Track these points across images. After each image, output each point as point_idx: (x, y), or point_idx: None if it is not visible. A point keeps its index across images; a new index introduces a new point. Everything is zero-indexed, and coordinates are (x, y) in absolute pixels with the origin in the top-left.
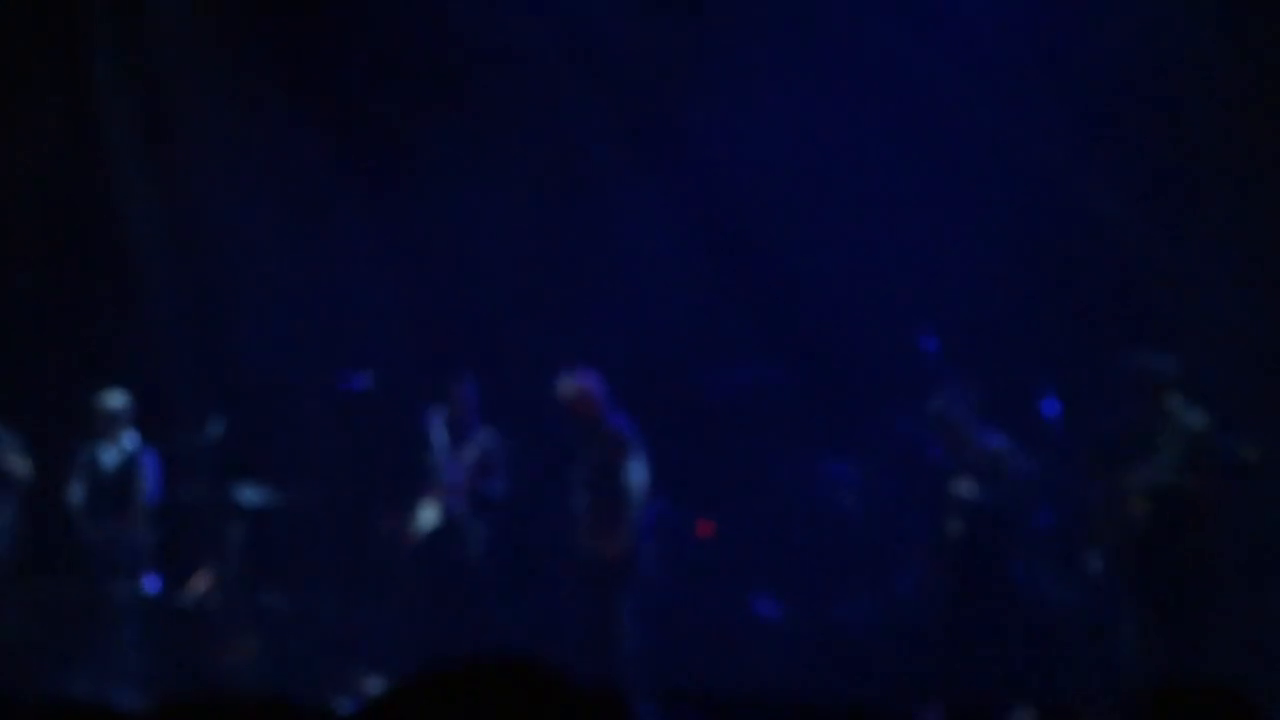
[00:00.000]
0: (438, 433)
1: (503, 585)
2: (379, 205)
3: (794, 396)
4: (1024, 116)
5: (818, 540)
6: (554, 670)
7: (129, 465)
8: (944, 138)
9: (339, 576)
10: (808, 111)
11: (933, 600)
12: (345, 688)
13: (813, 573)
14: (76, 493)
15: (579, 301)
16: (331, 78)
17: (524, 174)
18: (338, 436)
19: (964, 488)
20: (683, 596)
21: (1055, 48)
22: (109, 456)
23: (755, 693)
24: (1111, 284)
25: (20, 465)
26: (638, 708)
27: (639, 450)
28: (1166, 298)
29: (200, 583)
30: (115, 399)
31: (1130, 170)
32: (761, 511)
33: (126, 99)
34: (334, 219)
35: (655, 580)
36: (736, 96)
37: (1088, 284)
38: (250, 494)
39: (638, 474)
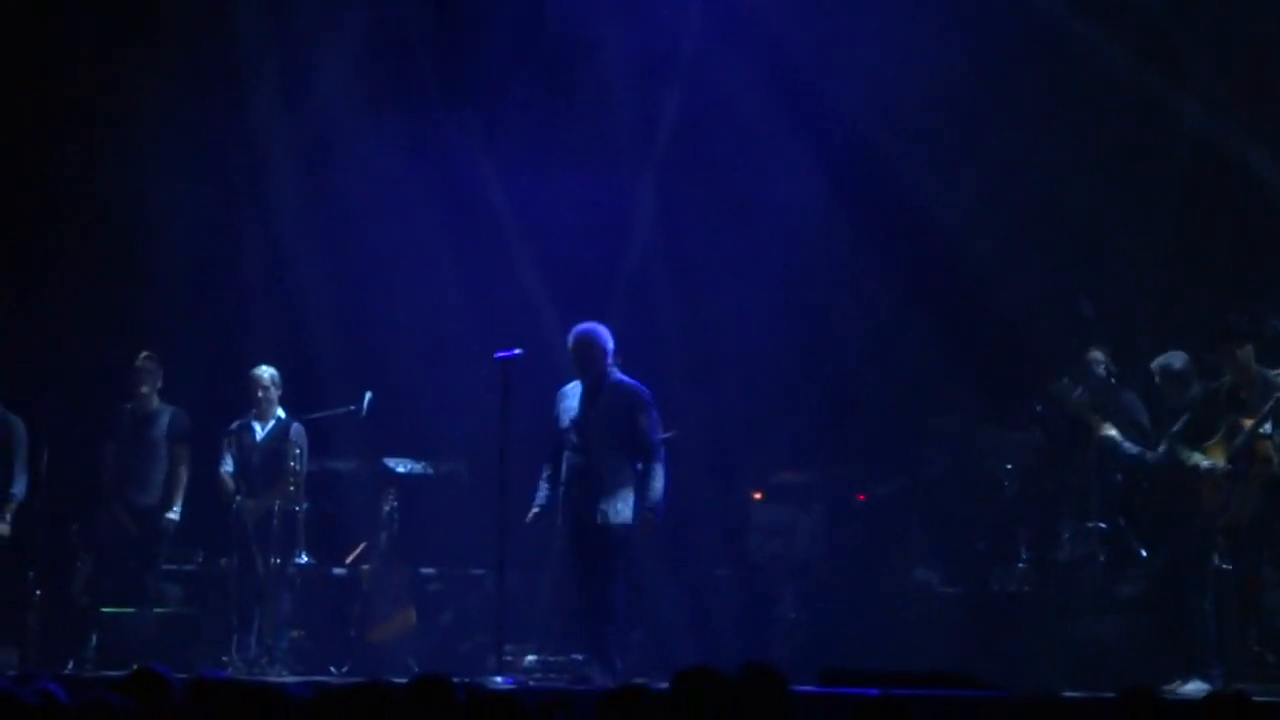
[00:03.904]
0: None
1: (653, 559)
2: (522, 190)
3: (946, 366)
4: None
5: (974, 510)
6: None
7: (280, 438)
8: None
9: (491, 547)
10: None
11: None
12: (499, 659)
13: (970, 543)
14: (229, 465)
15: (725, 283)
16: (478, 66)
17: (661, 168)
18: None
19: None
20: (840, 571)
21: None
22: (260, 430)
23: (914, 667)
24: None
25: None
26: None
27: (650, 408)
28: None
29: (354, 555)
30: (266, 372)
31: None
32: (918, 482)
33: (277, 92)
34: (480, 203)
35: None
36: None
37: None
38: (401, 466)
39: (649, 434)
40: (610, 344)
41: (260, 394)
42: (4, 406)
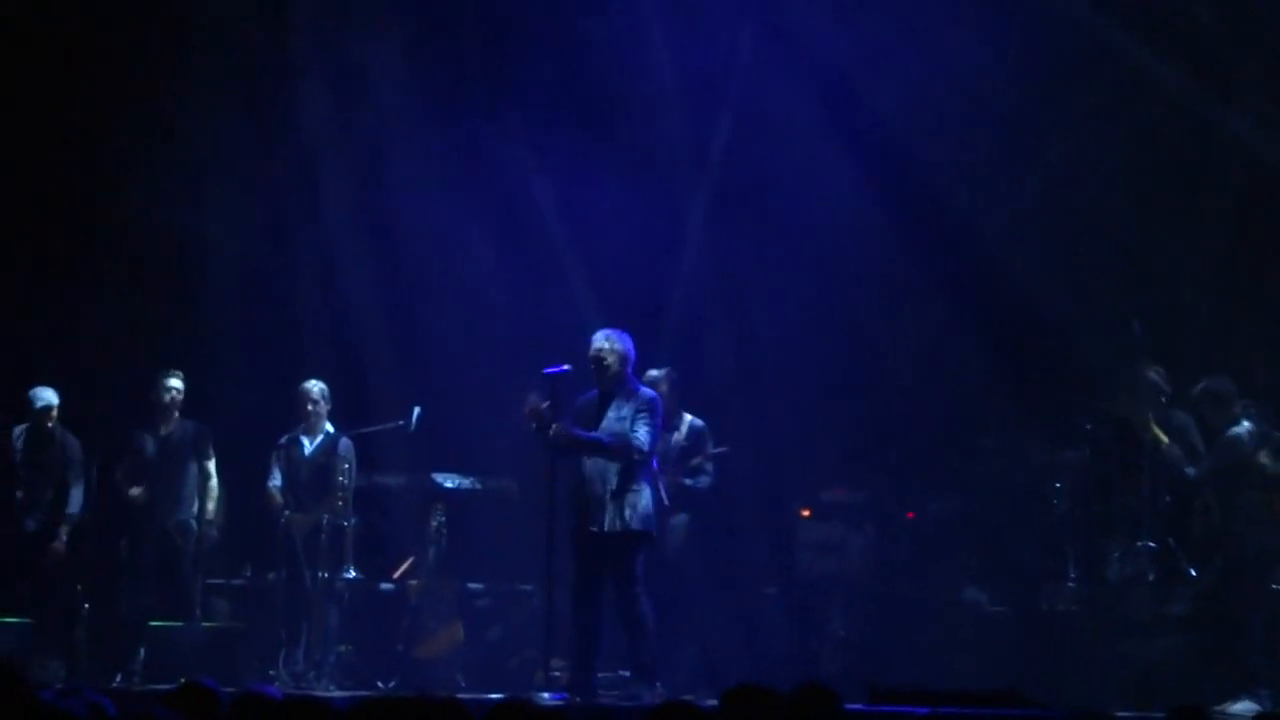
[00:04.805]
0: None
1: (702, 576)
2: (571, 205)
3: (996, 384)
4: None
5: (1024, 529)
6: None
7: (328, 452)
8: None
9: (539, 563)
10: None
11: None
12: (547, 675)
13: (1019, 561)
14: (277, 479)
15: (773, 300)
16: (529, 81)
17: (710, 183)
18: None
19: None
20: (889, 589)
21: None
22: (309, 444)
23: (963, 686)
24: None
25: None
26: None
27: (654, 414)
28: None
29: (402, 570)
30: (315, 387)
31: None
32: (967, 500)
33: (327, 107)
34: (530, 218)
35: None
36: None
37: None
38: (450, 481)
39: (638, 427)
40: (632, 352)
41: (309, 408)
42: (60, 425)
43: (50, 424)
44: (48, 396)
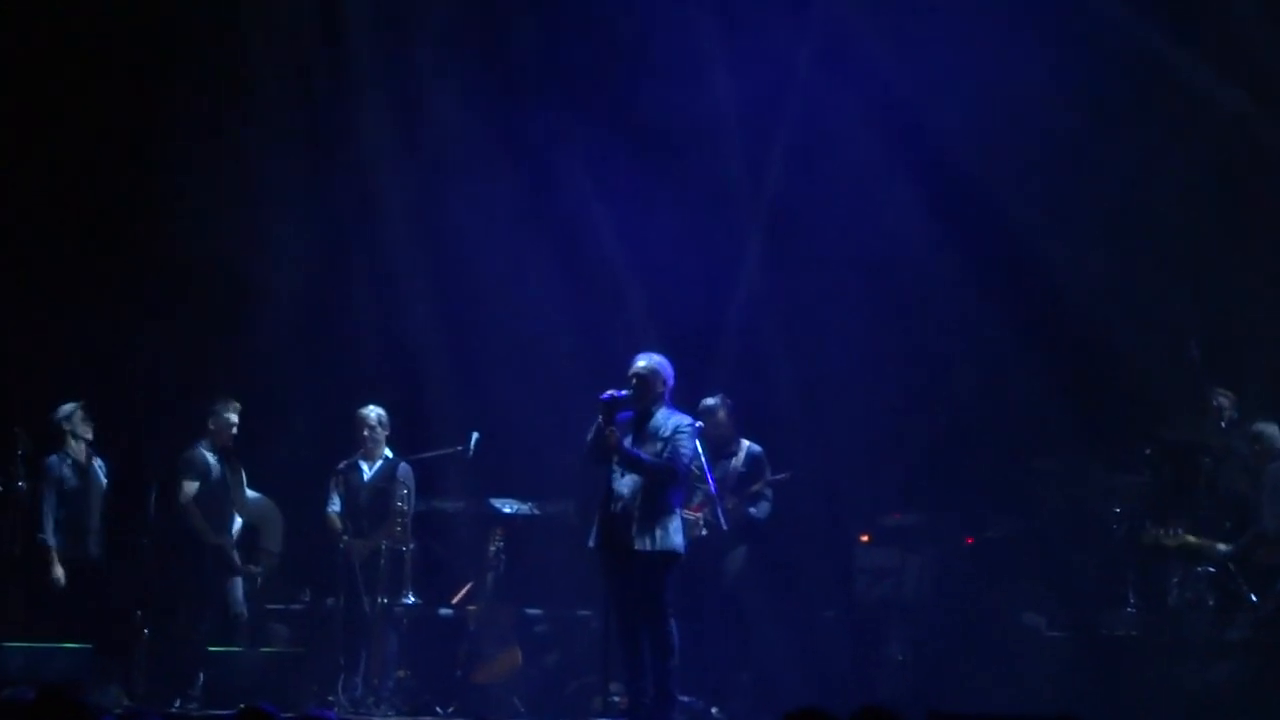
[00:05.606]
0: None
1: (760, 601)
2: (631, 230)
3: (1055, 408)
4: None
5: (1083, 553)
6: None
7: (387, 478)
8: None
9: (597, 588)
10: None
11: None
12: (605, 700)
13: (1079, 586)
14: (336, 505)
15: (832, 325)
16: (588, 107)
17: (770, 208)
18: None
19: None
20: (948, 613)
21: None
22: (368, 470)
23: (1022, 711)
24: None
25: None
26: None
27: (690, 436)
28: None
29: (460, 595)
30: (373, 412)
31: None
32: (1026, 524)
33: (387, 133)
34: (589, 243)
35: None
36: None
37: None
38: (507, 506)
39: (676, 451)
40: (670, 377)
41: (367, 434)
42: (91, 449)
43: (86, 444)
44: (78, 413)
